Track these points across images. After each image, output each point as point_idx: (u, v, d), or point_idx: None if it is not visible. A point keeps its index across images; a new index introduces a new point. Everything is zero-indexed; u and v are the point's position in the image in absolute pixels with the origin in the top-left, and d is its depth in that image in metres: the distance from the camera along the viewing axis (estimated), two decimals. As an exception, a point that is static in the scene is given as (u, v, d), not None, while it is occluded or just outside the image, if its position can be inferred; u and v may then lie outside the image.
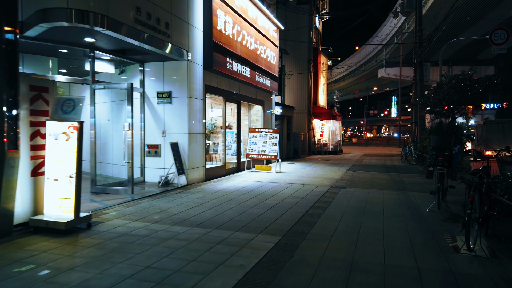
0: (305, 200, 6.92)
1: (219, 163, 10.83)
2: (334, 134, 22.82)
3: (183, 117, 8.55)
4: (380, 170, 12.74)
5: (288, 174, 11.15)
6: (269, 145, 11.59)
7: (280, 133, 17.77)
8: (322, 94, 23.65)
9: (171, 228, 4.86)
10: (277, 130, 11.71)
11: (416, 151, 14.85)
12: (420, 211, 6.15)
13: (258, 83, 12.48)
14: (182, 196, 7.15)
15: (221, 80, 10.29)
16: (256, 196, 7.33)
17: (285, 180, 9.79)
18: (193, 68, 8.76)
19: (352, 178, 10.30)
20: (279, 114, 17.12)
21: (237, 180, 9.56)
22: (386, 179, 10.29)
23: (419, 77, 18.11)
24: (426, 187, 8.86)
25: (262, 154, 11.61)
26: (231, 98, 11.05)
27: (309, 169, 12.83)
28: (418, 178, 10.58)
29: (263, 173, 11.12)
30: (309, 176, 10.75)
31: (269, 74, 13.70)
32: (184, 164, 8.57)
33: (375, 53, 57.39)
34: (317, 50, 21.91)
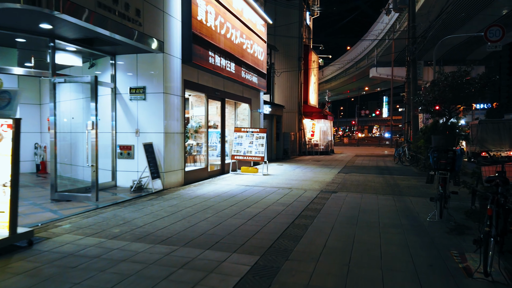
0: (291, 208, 6.19)
1: (201, 165, 10.05)
2: (325, 134, 22.19)
3: (158, 115, 7.75)
4: (373, 172, 12.10)
5: (276, 176, 10.42)
6: (255, 145, 10.85)
7: (271, 133, 17.12)
8: (313, 93, 23.01)
9: (130, 246, 4.08)
10: (264, 130, 10.98)
11: (410, 152, 14.27)
12: (420, 220, 5.47)
13: (245, 79, 11.72)
14: (153, 204, 6.35)
15: (203, 75, 9.51)
16: (238, 203, 6.57)
17: (272, 183, 9.05)
18: (170, 61, 7.96)
19: (344, 181, 9.61)
20: (268, 113, 16.39)
21: (220, 184, 8.79)
22: (380, 182, 9.63)
23: (413, 75, 17.56)
24: (423, 191, 8.21)
25: (248, 156, 10.86)
26: (214, 95, 10.27)
27: (299, 171, 12.12)
28: (414, 180, 9.94)
29: (249, 176, 10.37)
30: (298, 179, 10.03)
31: (257, 71, 12.96)
32: (159, 167, 7.77)
33: (366, 52, 57.13)
34: (308, 48, 21.25)
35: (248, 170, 10.96)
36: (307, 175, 10.95)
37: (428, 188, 8.54)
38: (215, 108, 13.40)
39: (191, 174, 8.99)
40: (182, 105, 8.44)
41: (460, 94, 11.09)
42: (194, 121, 12.29)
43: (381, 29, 49.01)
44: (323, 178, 10.16)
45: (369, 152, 24.73)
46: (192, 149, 12.14)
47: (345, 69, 68.47)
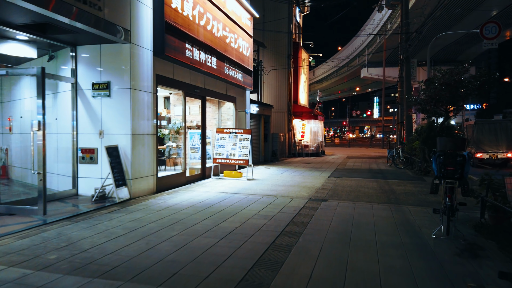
0: (274, 222, 5.32)
1: (177, 169, 9.13)
2: (316, 135, 21.42)
3: (125, 114, 6.81)
4: (365, 175, 11.32)
5: (261, 182, 9.55)
6: (239, 148, 9.97)
7: (259, 134, 16.26)
8: (303, 92, 22.23)
9: (59, 282, 3.16)
10: (248, 131, 10.10)
11: (404, 154, 13.55)
12: (424, 237, 4.65)
13: (228, 76, 10.84)
14: (113, 218, 5.42)
15: (180, 70, 8.60)
16: (213, 215, 5.68)
17: (256, 190, 8.18)
18: (139, 53, 7.03)
19: (335, 187, 8.79)
20: (255, 113, 15.53)
21: (198, 191, 7.88)
22: (374, 187, 8.83)
23: (406, 73, 16.88)
24: (421, 198, 7.43)
25: (231, 159, 9.97)
26: (193, 93, 9.36)
27: (287, 175, 11.27)
28: (410, 185, 9.17)
29: (232, 181, 9.48)
30: (285, 184, 9.18)
31: (242, 67, 12.08)
32: (126, 173, 6.83)
33: (357, 52, 56.81)
34: (298, 45, 20.46)
35: (231, 174, 10.07)
36: (295, 179, 10.10)
37: (427, 195, 7.76)
38: (198, 108, 12.49)
39: (166, 180, 8.06)
40: (153, 103, 7.51)
41: (457, 92, 10.39)
42: (175, 121, 11.38)
43: (372, 29, 48.67)
44: (313, 184, 9.33)
45: (361, 153, 24.06)
46: (172, 151, 11.23)
47: (336, 70, 68.17)
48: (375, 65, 54.82)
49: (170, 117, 11.56)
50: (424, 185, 9.21)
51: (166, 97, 11.95)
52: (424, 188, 8.77)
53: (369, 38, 50.28)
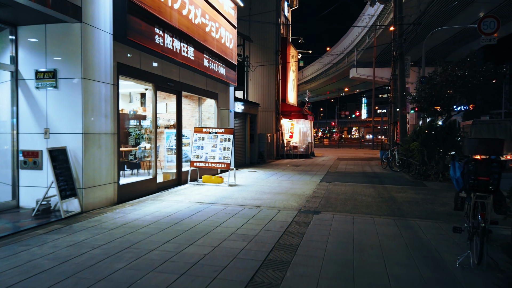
0: (256, 245, 4.19)
1: (146, 175, 7.93)
2: (305, 136, 20.41)
3: (75, 109, 5.59)
4: (360, 179, 10.30)
5: (245, 188, 8.42)
6: (219, 149, 8.81)
7: (244, 134, 15.11)
8: (292, 91, 21.19)
9: None
10: (230, 131, 8.95)
11: (400, 156, 12.61)
12: (447, 267, 3.59)
13: (208, 69, 9.67)
14: (46, 241, 4.20)
15: (148, 60, 7.40)
16: (179, 235, 4.52)
17: (237, 199, 7.04)
18: (94, 35, 5.81)
19: (328, 194, 7.72)
20: (240, 112, 14.39)
21: (168, 201, 6.69)
22: (371, 194, 7.80)
23: (400, 70, 15.98)
24: (428, 208, 6.42)
25: (210, 162, 8.80)
26: (166, 86, 8.17)
27: (274, 179, 10.16)
28: (411, 192, 8.17)
29: (211, 188, 8.32)
30: (272, 191, 8.06)
31: (225, 61, 10.93)
32: (76, 181, 5.60)
33: (346, 52, 56.32)
34: (286, 41, 19.41)
35: (210, 180, 8.90)
36: (283, 185, 9.00)
37: (434, 204, 6.76)
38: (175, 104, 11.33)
39: (130, 189, 6.84)
40: (113, 96, 6.29)
41: (460, 89, 9.47)
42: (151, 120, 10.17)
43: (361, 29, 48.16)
44: (303, 190, 8.24)
45: (351, 154, 23.16)
46: (146, 153, 10.04)
47: (325, 70, 67.72)
48: (364, 65, 54.41)
49: (146, 115, 10.39)
50: (427, 192, 8.23)
51: (143, 93, 10.74)
52: (427, 195, 7.78)
53: (358, 37, 49.79)
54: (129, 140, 10.16)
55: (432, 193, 8.11)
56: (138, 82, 7.32)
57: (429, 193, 8.11)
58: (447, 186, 9.10)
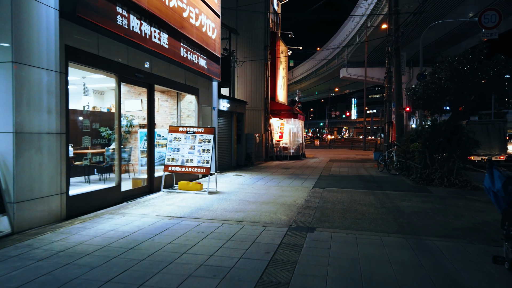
0: (229, 285, 3.07)
1: (109, 181, 6.74)
2: (295, 136, 19.37)
3: (3, 101, 4.37)
4: (357, 184, 9.27)
5: (227, 196, 7.28)
6: (198, 152, 7.65)
7: (230, 134, 13.96)
8: (282, 89, 20.13)
9: None
10: (210, 130, 7.80)
11: (399, 158, 11.64)
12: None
13: (186, 60, 8.51)
14: None
15: (109, 45, 6.20)
16: (130, 268, 3.37)
17: (216, 211, 5.91)
18: (32, 9, 4.61)
19: (323, 204, 6.64)
20: (226, 110, 13.25)
21: (131, 216, 5.51)
22: (373, 203, 6.75)
23: (396, 67, 15.04)
24: (442, 222, 5.39)
25: (187, 166, 7.64)
26: (134, 78, 6.98)
27: (261, 185, 9.05)
28: (417, 200, 7.15)
29: (187, 196, 7.16)
30: (258, 200, 6.95)
31: (206, 52, 9.78)
32: (6, 194, 4.38)
33: (337, 52, 55.73)
34: (275, 35, 18.34)
35: (187, 186, 7.74)
36: (271, 192, 7.89)
37: (446, 215, 5.75)
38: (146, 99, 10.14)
39: (86, 200, 5.64)
40: (60, 87, 5.08)
41: (468, 84, 8.51)
42: (124, 118, 9.00)
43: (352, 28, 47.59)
44: (293, 198, 7.15)
45: (343, 155, 22.22)
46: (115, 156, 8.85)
47: (315, 70, 67.16)
48: (355, 65, 53.90)
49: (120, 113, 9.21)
50: (434, 200, 7.22)
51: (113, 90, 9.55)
52: (436, 204, 6.77)
53: (349, 37, 49.19)
54: (100, 141, 8.99)
55: (440, 201, 7.11)
56: (96, 71, 6.12)
57: (437, 201, 7.11)
58: (454, 193, 8.13)
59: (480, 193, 8.18)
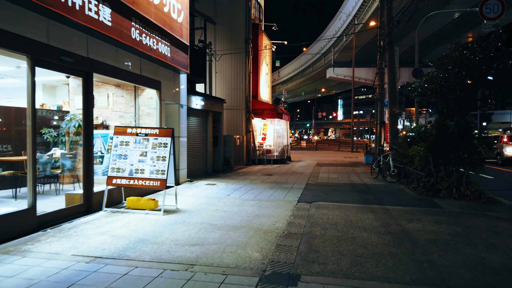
0: None
1: (20, 202, 5.01)
2: (280, 138, 17.84)
3: None
4: (351, 197, 7.75)
5: (187, 217, 5.63)
6: (151, 159, 5.97)
7: (204, 136, 12.18)
8: (265, 87, 18.57)
9: None
10: (166, 132, 6.12)
11: (395, 163, 10.21)
12: None
13: (140, 44, 6.82)
14: None
15: (19, 15, 4.48)
16: None
17: (164, 244, 4.26)
18: None
19: (310, 229, 5.07)
20: (200, 109, 11.60)
21: (35, 256, 3.81)
22: (374, 227, 5.22)
23: (389, 62, 13.70)
24: (470, 256, 3.89)
25: (137, 178, 5.94)
26: (59, 63, 5.24)
27: (235, 198, 7.43)
28: (426, 219, 5.66)
29: (134, 219, 5.48)
30: (226, 223, 5.32)
31: (171, 38, 8.11)
32: None
33: (323, 52, 54.78)
34: (258, 28, 16.78)
35: (138, 204, 6.04)
36: (246, 209, 6.28)
37: (474, 246, 4.25)
38: (106, 97, 8.44)
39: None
40: None
41: (482, 77, 7.11)
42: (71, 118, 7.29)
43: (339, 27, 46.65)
44: (272, 220, 5.55)
45: (331, 158, 20.81)
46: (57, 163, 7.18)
47: (301, 70, 66.22)
48: (342, 65, 53.05)
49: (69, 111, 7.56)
50: (449, 219, 5.75)
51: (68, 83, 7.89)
52: (453, 226, 5.29)
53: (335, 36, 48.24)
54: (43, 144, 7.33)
55: (456, 220, 5.64)
56: (-8, 49, 4.37)
57: (452, 220, 5.64)
58: (467, 207, 6.70)
59: (497, 207, 6.79)
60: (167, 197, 6.99)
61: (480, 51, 7.00)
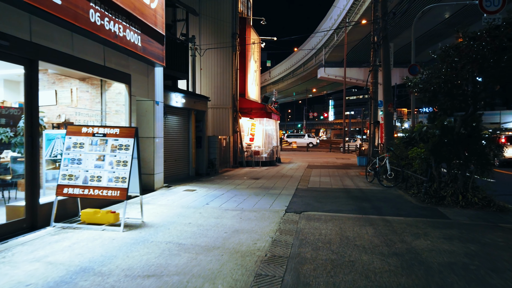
0: None
1: None
2: (269, 138, 16.94)
3: None
4: (345, 205, 6.88)
5: (151, 235, 4.68)
6: (109, 164, 5.00)
7: (186, 137, 11.14)
8: (254, 84, 17.66)
9: None
10: (129, 131, 5.15)
11: (392, 166, 9.41)
12: None
13: (101, 29, 5.84)
14: None
15: None
16: None
17: (110, 277, 3.31)
18: None
19: (299, 250, 4.17)
20: (181, 107, 10.64)
21: None
22: (376, 246, 4.34)
23: (384, 58, 12.93)
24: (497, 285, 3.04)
25: (93, 187, 4.96)
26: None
27: (214, 208, 6.49)
28: (435, 234, 4.81)
29: (86, 237, 4.51)
30: (197, 242, 4.39)
31: (141, 25, 7.14)
32: None
33: (314, 52, 54.24)
34: (246, 22, 15.86)
35: (94, 217, 5.06)
36: (224, 223, 5.36)
37: (501, 273, 3.41)
38: (69, 92, 7.44)
39: None
40: None
41: (492, 70, 6.34)
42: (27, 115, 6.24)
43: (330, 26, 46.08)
44: (254, 238, 4.63)
45: (323, 159, 20.00)
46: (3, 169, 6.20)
47: (292, 70, 65.72)
48: (333, 65, 52.57)
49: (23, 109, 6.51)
50: (460, 234, 4.92)
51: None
52: (469, 244, 4.46)
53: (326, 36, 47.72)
54: None
55: (469, 235, 4.81)
56: None
57: (465, 235, 4.80)
58: (478, 217, 5.89)
59: (510, 217, 6.00)
60: (133, 208, 6.02)
61: (490, 41, 6.21)
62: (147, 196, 7.43)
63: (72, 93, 7.46)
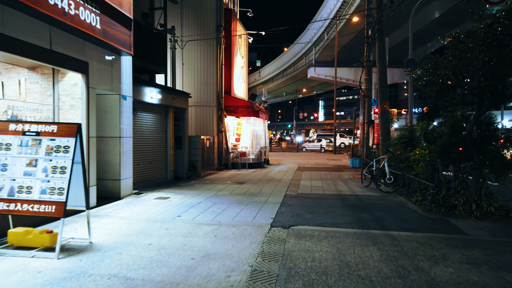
0: None
1: None
2: (257, 139, 15.91)
3: None
4: (341, 216, 5.88)
5: (94, 264, 3.59)
6: (43, 171, 3.89)
7: (164, 137, 9.87)
8: (240, 81, 16.60)
9: None
10: (70, 128, 4.05)
11: (391, 169, 8.47)
12: None
13: (43, 5, 4.71)
14: None
15: None
16: None
17: None
18: None
19: (286, 286, 3.13)
20: (157, 104, 9.53)
21: None
22: (385, 276, 3.34)
23: (379, 52, 12.02)
24: None
25: (20, 201, 3.85)
26: None
27: (184, 222, 5.42)
28: (456, 257, 3.84)
29: (8, 267, 3.39)
30: (151, 277, 3.32)
31: (100, 3, 6.02)
32: None
33: (304, 51, 53.49)
34: (231, 13, 14.79)
35: (25, 239, 3.94)
36: (194, 243, 4.29)
37: None
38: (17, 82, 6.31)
39: None
40: None
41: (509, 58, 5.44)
42: None
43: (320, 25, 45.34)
44: (228, 268, 3.58)
45: (314, 161, 19.05)
46: None
47: (282, 70, 64.92)
48: (323, 65, 51.90)
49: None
50: (485, 255, 3.96)
51: None
52: (502, 271, 3.50)
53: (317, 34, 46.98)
54: None
55: (498, 258, 3.86)
56: None
57: (492, 259, 3.85)
58: (498, 231, 4.96)
59: None
60: (83, 224, 4.91)
61: (509, 24, 5.30)
62: (108, 207, 6.30)
63: (21, 85, 6.31)
